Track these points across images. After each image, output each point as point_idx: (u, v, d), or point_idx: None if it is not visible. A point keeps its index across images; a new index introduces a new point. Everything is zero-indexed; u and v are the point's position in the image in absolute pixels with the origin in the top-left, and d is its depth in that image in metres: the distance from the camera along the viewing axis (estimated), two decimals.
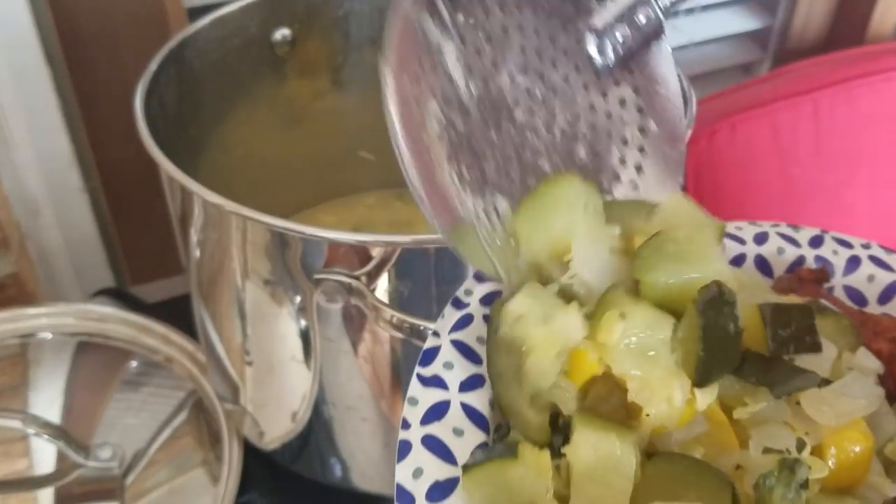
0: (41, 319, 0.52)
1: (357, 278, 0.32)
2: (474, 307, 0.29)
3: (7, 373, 0.49)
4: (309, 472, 0.43)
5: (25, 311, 0.52)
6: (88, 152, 0.63)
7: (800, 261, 0.35)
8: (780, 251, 0.35)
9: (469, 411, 0.27)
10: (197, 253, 0.39)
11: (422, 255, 0.33)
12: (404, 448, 0.26)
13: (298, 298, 0.35)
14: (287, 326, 0.37)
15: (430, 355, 0.28)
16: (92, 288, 0.64)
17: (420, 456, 0.25)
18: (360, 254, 0.32)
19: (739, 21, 0.87)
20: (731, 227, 0.36)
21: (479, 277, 0.30)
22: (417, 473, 0.25)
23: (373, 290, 0.33)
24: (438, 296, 0.33)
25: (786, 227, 0.36)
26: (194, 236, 0.38)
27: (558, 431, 0.26)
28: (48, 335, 0.51)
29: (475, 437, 0.26)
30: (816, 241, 0.36)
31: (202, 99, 0.45)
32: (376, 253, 0.32)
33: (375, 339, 0.35)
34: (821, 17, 0.88)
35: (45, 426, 0.43)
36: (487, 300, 0.30)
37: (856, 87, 0.75)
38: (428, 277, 0.33)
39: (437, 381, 0.27)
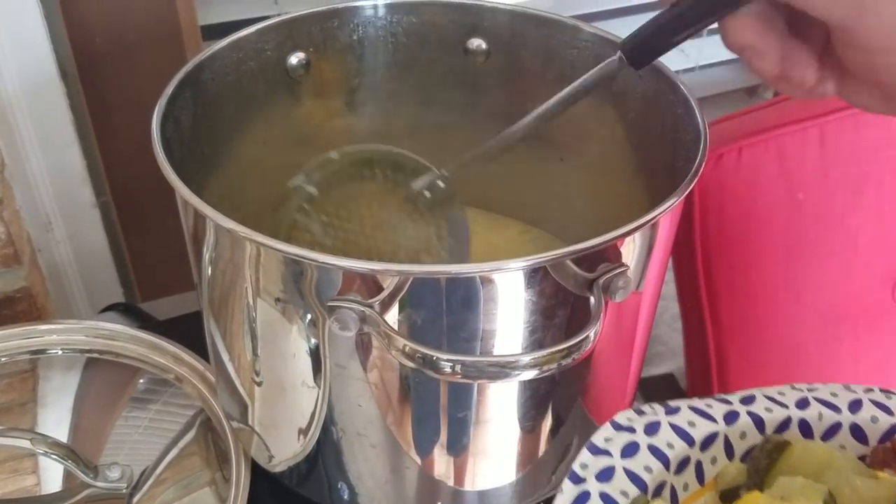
0: (52, 336, 0.52)
1: (370, 306, 0.32)
2: (591, 483, 0.31)
3: (17, 389, 0.49)
4: (317, 496, 0.44)
5: (37, 327, 0.52)
6: (101, 168, 0.63)
7: (893, 429, 0.37)
8: (874, 420, 0.37)
9: None
10: (209, 271, 0.39)
11: (433, 284, 0.33)
12: None
13: (310, 322, 0.35)
14: (298, 349, 0.37)
15: None
16: (102, 303, 0.64)
17: None
18: (373, 282, 0.32)
19: None
20: (826, 393, 0.38)
21: (594, 450, 0.32)
22: None
23: (385, 319, 0.33)
24: (449, 326, 0.34)
25: (878, 392, 0.38)
26: (206, 255, 0.38)
27: None
28: (58, 351, 0.52)
29: None
30: None
31: (217, 119, 0.46)
32: (389, 282, 0.32)
33: (386, 367, 0.36)
34: None
35: (54, 446, 0.43)
36: (604, 477, 0.32)
37: (862, 113, 0.75)
38: (439, 307, 0.33)
39: None
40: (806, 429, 0.37)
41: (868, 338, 0.79)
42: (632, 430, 0.34)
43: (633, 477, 0.32)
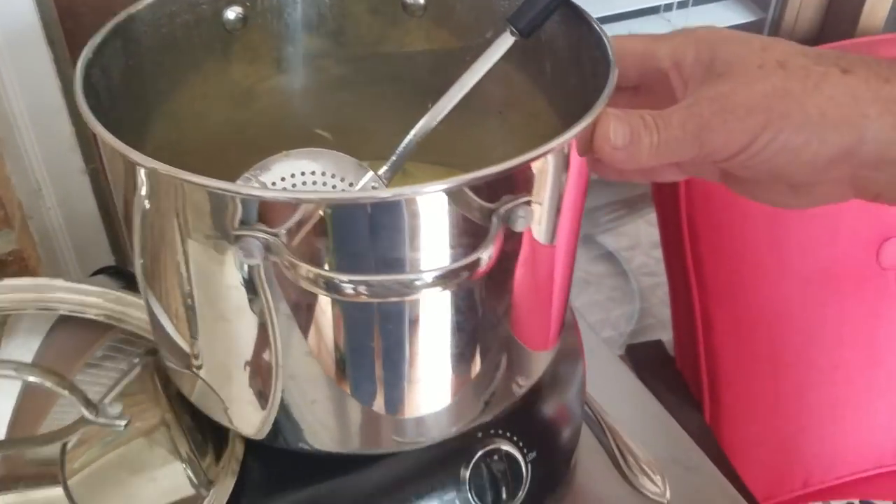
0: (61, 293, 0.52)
1: (275, 235, 0.32)
2: None
3: None
4: (255, 432, 0.42)
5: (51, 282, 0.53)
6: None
7: None
8: None
9: None
10: (129, 213, 0.38)
11: (339, 212, 0.33)
12: None
13: (224, 255, 0.35)
14: (218, 284, 0.37)
15: None
16: (93, 267, 0.65)
17: None
18: (278, 212, 0.32)
19: (732, 14, 0.89)
20: None
21: None
22: None
23: (294, 247, 0.33)
24: (353, 253, 0.34)
25: None
26: (122, 196, 0.38)
27: None
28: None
29: None
30: None
31: (151, 73, 0.45)
32: (292, 211, 0.32)
33: (306, 297, 0.35)
34: (812, 10, 0.89)
35: (52, 375, 0.42)
36: None
37: None
38: (344, 235, 0.33)
39: None
40: None
41: (853, 300, 0.80)
42: None
43: None
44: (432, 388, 0.40)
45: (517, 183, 0.34)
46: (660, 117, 0.36)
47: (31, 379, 0.44)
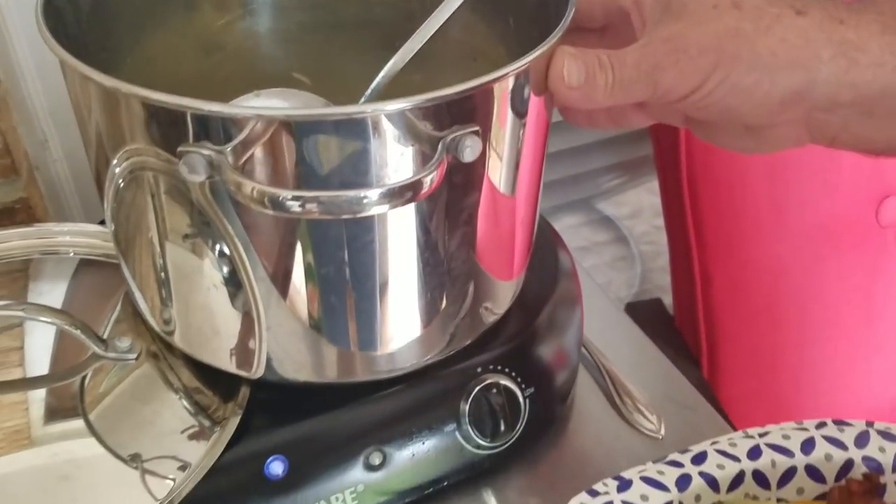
0: (65, 237, 0.53)
1: (220, 152, 0.32)
2: None
3: (7, 287, 0.51)
4: (223, 363, 0.43)
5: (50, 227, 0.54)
6: None
7: (849, 464, 0.37)
8: (828, 457, 0.37)
9: None
10: (85, 134, 0.39)
11: (287, 129, 0.32)
12: None
13: (172, 177, 0.35)
14: (180, 220, 0.37)
15: None
16: (98, 217, 0.66)
17: None
18: (223, 128, 0.32)
19: None
20: (778, 436, 0.38)
21: (592, 493, 0.34)
22: None
23: (239, 166, 0.33)
24: (302, 173, 0.34)
25: (831, 425, 0.38)
26: (81, 115, 0.39)
27: None
28: (70, 253, 0.53)
29: None
30: (862, 440, 0.37)
31: (117, 11, 0.45)
32: (238, 127, 0.32)
33: (263, 222, 0.36)
34: None
35: (61, 315, 0.44)
36: None
37: None
38: (293, 154, 0.33)
39: None
40: (761, 479, 0.37)
41: (851, 258, 0.81)
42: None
43: None
44: (398, 312, 0.41)
45: (464, 111, 0.34)
46: (615, 56, 0.36)
47: (42, 319, 0.45)
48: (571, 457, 0.50)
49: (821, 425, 0.38)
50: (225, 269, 0.39)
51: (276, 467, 0.42)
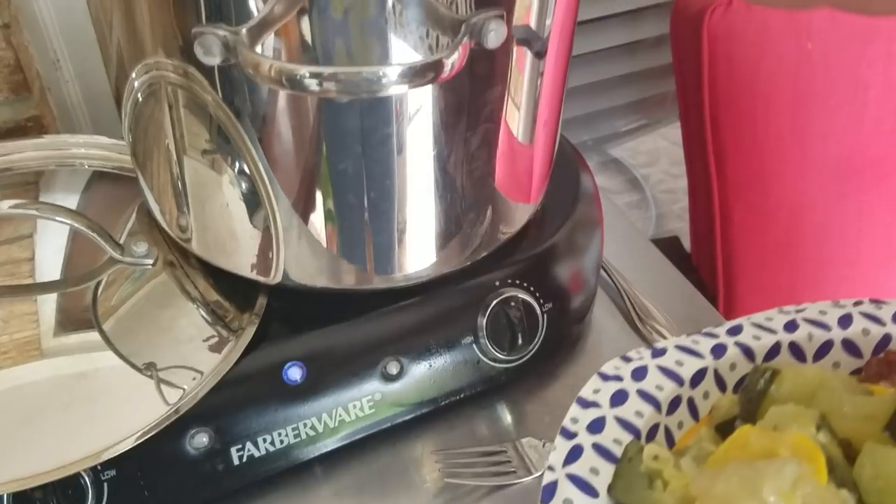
0: (80, 149, 0.53)
1: (235, 32, 0.31)
2: (583, 437, 0.32)
3: (19, 197, 0.50)
4: (243, 269, 0.43)
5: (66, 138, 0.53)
6: None
7: (886, 339, 0.36)
8: (866, 332, 0.36)
9: None
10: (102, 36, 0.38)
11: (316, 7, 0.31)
12: None
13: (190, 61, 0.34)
14: (191, 118, 0.37)
15: (549, 492, 0.30)
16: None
17: None
18: (239, 8, 0.31)
19: None
20: (814, 312, 0.37)
21: (583, 403, 0.33)
22: None
23: (250, 43, 0.32)
24: (321, 55, 0.33)
25: (868, 304, 0.38)
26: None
27: None
28: (84, 165, 0.52)
29: None
30: None
31: None
32: (259, 6, 0.31)
33: (279, 108, 0.35)
34: None
35: (79, 217, 0.43)
36: (595, 428, 0.32)
37: None
38: (312, 34, 0.32)
39: None
40: (797, 351, 0.37)
41: (873, 194, 0.79)
42: (619, 378, 0.35)
43: (625, 424, 0.32)
44: (416, 214, 0.40)
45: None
46: None
47: (58, 219, 0.44)
48: (587, 375, 0.50)
49: (858, 303, 0.38)
50: (241, 173, 0.38)
51: (295, 373, 0.42)
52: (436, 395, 0.46)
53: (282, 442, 0.42)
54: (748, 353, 0.36)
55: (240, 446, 0.41)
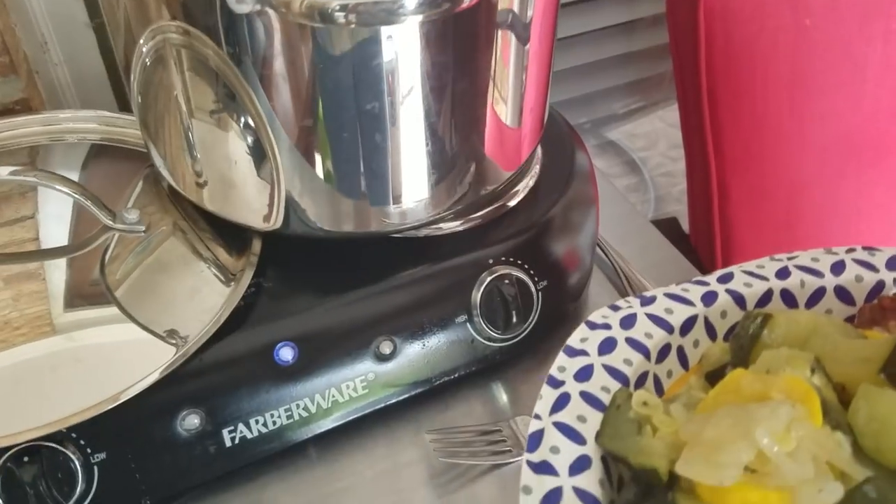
0: (69, 123, 0.52)
1: None
2: (570, 385, 0.31)
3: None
4: (252, 220, 0.44)
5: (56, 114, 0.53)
6: None
7: (879, 286, 0.35)
8: (859, 279, 0.35)
9: (581, 494, 0.28)
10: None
11: None
12: None
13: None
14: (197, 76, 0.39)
15: (535, 440, 0.30)
16: None
17: None
18: None
19: None
20: (806, 259, 0.36)
21: (570, 351, 0.32)
22: None
23: None
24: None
25: (861, 251, 0.37)
26: None
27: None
28: (74, 139, 0.52)
29: None
30: (893, 263, 0.36)
31: None
32: None
33: (292, 53, 0.37)
34: None
35: (71, 184, 0.43)
36: (582, 376, 0.31)
37: None
38: None
39: (546, 468, 0.29)
40: (789, 298, 0.36)
41: (872, 173, 0.78)
42: (607, 326, 0.34)
43: (613, 372, 0.32)
44: (408, 153, 0.41)
45: None
46: None
47: (54, 187, 0.44)
48: None
49: (850, 250, 0.37)
50: (246, 126, 0.39)
51: (286, 353, 0.41)
52: (430, 374, 0.45)
53: (274, 423, 0.41)
54: (739, 300, 0.35)
55: (232, 428, 0.40)
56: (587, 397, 0.31)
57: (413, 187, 0.43)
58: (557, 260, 0.48)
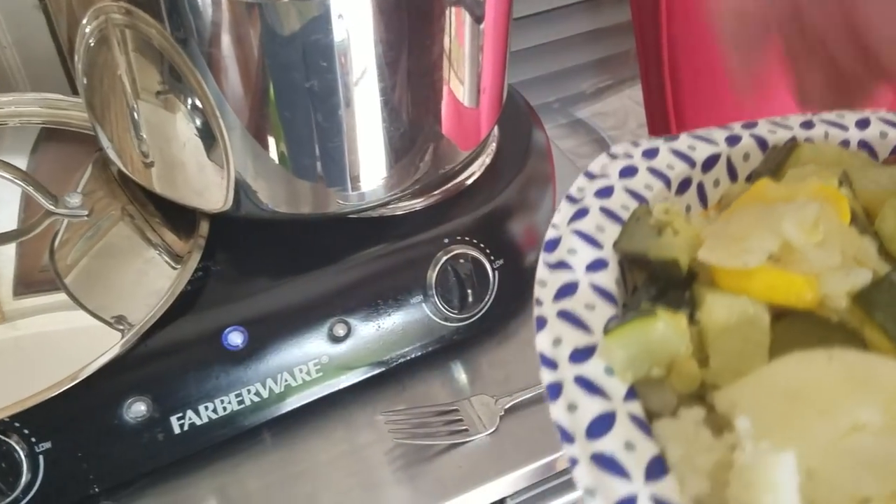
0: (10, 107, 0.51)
1: None
2: (589, 201, 0.31)
3: None
4: (206, 203, 0.43)
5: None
6: None
7: None
8: (883, 135, 0.35)
9: (598, 289, 0.28)
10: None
11: None
12: (541, 322, 0.28)
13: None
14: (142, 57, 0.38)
15: (552, 245, 0.29)
16: None
17: (557, 328, 0.27)
18: None
19: None
20: (832, 116, 0.36)
21: (590, 175, 0.32)
22: (557, 342, 0.27)
23: None
24: None
25: (885, 112, 0.37)
26: None
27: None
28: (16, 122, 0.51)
29: (607, 310, 0.27)
30: None
31: None
32: None
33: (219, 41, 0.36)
34: None
35: (11, 168, 0.42)
36: (602, 194, 0.31)
37: None
38: None
39: (563, 265, 0.28)
40: None
41: None
42: (629, 156, 0.34)
43: (633, 194, 0.32)
44: (361, 132, 0.40)
45: None
46: None
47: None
48: None
49: (875, 111, 0.37)
50: (194, 107, 0.39)
51: (235, 338, 0.40)
52: (386, 356, 0.45)
53: (225, 409, 0.41)
54: (763, 144, 0.35)
55: (180, 415, 0.39)
56: (606, 212, 0.31)
57: (369, 168, 0.42)
58: (513, 238, 0.48)
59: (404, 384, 0.46)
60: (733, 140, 0.35)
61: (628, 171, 0.33)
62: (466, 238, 0.45)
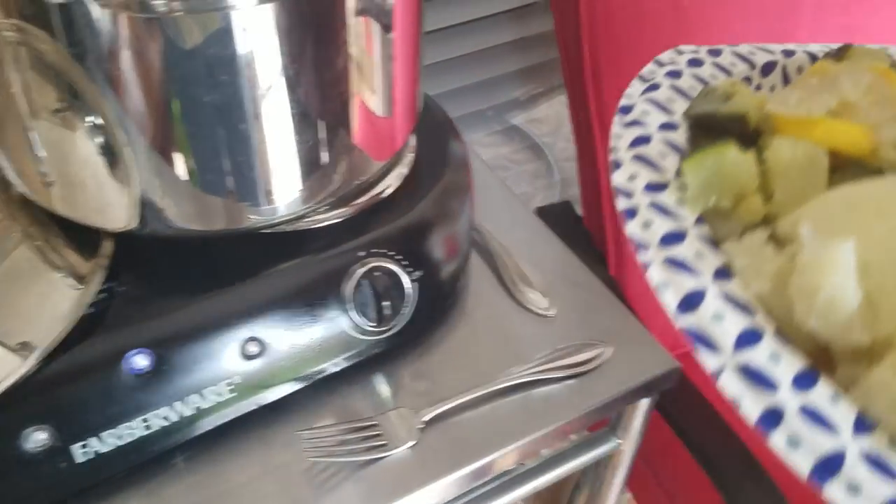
0: None
1: None
2: (660, 78, 0.36)
3: None
4: (109, 223, 0.42)
5: None
6: None
7: None
8: None
9: (670, 143, 0.31)
10: None
11: None
12: (616, 164, 0.32)
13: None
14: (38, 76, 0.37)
15: (626, 110, 0.33)
16: None
17: (632, 167, 0.31)
18: None
19: None
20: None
21: (659, 62, 0.37)
22: (632, 178, 0.31)
23: None
24: None
25: None
26: None
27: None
28: None
29: (677, 160, 0.31)
30: None
31: None
32: None
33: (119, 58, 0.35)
34: None
35: None
36: (672, 76, 0.35)
37: None
38: None
39: (637, 123, 0.32)
40: None
41: None
42: (696, 51, 0.38)
43: (700, 79, 0.36)
44: (270, 145, 0.40)
45: None
46: None
47: None
48: (464, 340, 0.49)
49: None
50: (94, 126, 0.38)
51: (140, 360, 0.39)
52: (303, 372, 0.44)
53: (132, 435, 0.39)
54: (815, 59, 0.39)
55: (83, 443, 0.38)
56: (676, 89, 0.35)
57: (281, 181, 0.41)
58: (431, 250, 0.47)
59: (324, 400, 0.46)
60: (789, 53, 0.40)
61: (694, 63, 0.37)
62: (383, 250, 0.45)
